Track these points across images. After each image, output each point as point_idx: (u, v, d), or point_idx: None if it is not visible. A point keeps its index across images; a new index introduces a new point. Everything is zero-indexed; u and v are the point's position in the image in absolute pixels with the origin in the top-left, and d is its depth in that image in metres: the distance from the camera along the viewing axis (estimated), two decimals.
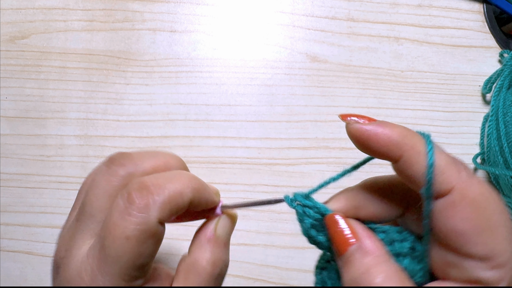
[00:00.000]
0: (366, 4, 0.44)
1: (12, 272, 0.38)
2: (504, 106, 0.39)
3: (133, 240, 0.18)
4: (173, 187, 0.19)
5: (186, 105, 0.41)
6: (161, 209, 0.18)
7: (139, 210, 0.18)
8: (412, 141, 0.18)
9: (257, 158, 0.41)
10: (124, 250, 0.18)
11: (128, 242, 0.18)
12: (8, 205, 0.39)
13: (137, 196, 0.18)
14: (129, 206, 0.18)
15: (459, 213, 0.17)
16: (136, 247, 0.18)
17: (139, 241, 0.18)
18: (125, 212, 0.18)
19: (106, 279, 0.18)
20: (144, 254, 0.18)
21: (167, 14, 0.43)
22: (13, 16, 0.42)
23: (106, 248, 0.18)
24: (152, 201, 0.18)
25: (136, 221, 0.18)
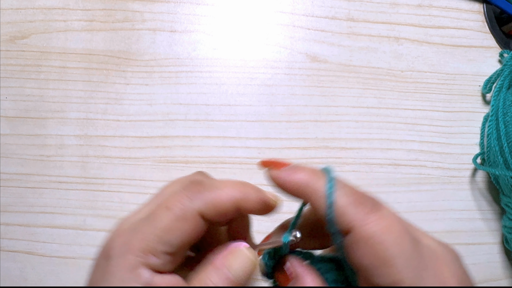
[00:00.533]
0: (366, 4, 0.44)
1: (12, 272, 0.38)
2: (504, 106, 0.39)
3: (171, 212, 0.20)
4: (226, 190, 0.21)
5: (186, 105, 0.41)
6: (205, 203, 0.20)
7: (187, 196, 0.20)
8: (316, 185, 0.20)
9: (257, 158, 0.41)
10: (161, 217, 0.20)
11: (168, 212, 0.20)
12: (8, 205, 0.39)
13: (191, 186, 0.21)
14: (183, 191, 0.21)
15: (358, 250, 0.19)
16: (171, 220, 0.20)
17: (176, 216, 0.20)
18: (177, 193, 0.21)
19: (138, 237, 0.20)
20: (174, 231, 0.20)
21: (167, 14, 0.43)
22: (13, 16, 0.42)
23: (151, 214, 0.20)
24: (200, 194, 0.21)
25: (181, 201, 0.20)
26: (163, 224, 0.20)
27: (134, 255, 0.20)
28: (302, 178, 0.20)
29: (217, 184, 0.22)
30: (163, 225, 0.20)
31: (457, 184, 0.43)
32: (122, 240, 0.20)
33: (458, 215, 0.42)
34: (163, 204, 0.21)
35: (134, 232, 0.20)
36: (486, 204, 0.43)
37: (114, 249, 0.20)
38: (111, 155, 0.40)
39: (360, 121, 0.42)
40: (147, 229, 0.20)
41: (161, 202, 0.21)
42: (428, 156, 0.43)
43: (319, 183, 0.20)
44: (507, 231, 0.40)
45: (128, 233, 0.21)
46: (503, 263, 0.42)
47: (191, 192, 0.21)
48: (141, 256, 0.20)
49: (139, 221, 0.21)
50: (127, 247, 0.20)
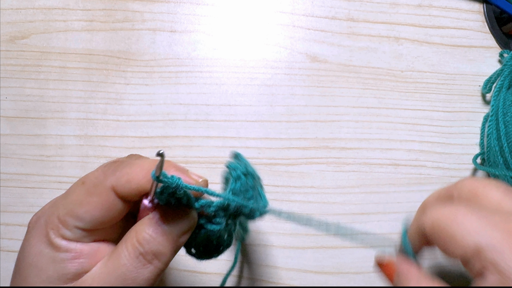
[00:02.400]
0: (366, 4, 0.44)
1: (12, 272, 0.38)
2: (504, 106, 0.39)
3: (84, 187, 0.21)
4: (140, 166, 0.21)
5: (186, 105, 0.41)
6: (117, 178, 0.21)
7: (103, 171, 0.21)
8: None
9: (257, 158, 0.41)
10: (75, 191, 0.21)
11: (81, 186, 0.21)
12: (8, 205, 0.39)
13: (110, 164, 0.22)
14: (100, 168, 0.21)
15: None
16: (83, 194, 0.21)
17: (88, 191, 0.21)
18: (95, 170, 0.21)
19: (53, 211, 0.21)
20: (85, 205, 0.20)
21: (167, 14, 0.43)
22: (13, 16, 0.42)
23: (68, 190, 0.21)
24: (115, 170, 0.21)
25: (96, 175, 0.21)
26: (75, 197, 0.21)
27: (47, 227, 0.21)
28: None
29: (134, 161, 0.22)
30: (75, 198, 0.21)
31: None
32: (39, 215, 0.22)
33: None
34: (80, 180, 0.22)
35: (51, 207, 0.21)
36: None
37: (32, 223, 0.22)
38: (111, 155, 0.40)
39: (360, 121, 0.42)
40: (61, 203, 0.21)
41: (79, 179, 0.22)
42: (428, 156, 0.43)
43: None
44: None
45: (46, 209, 0.22)
46: None
47: (107, 168, 0.21)
48: (54, 227, 0.20)
49: (58, 197, 0.22)
50: (42, 220, 0.21)
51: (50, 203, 0.22)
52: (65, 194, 0.22)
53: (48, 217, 0.21)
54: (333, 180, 0.41)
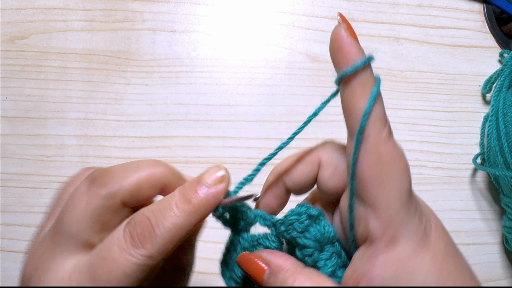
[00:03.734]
0: (366, 4, 0.44)
1: (12, 272, 0.38)
2: (504, 106, 0.39)
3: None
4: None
5: (186, 105, 0.41)
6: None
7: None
8: (367, 75, 0.19)
9: (257, 158, 0.41)
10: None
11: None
12: (8, 205, 0.39)
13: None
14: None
15: (365, 160, 0.19)
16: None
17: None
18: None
19: None
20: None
21: (167, 14, 0.43)
22: (13, 16, 0.42)
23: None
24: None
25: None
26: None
27: None
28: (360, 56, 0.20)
29: (126, 168, 0.21)
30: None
31: (457, 184, 0.43)
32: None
33: (458, 215, 0.42)
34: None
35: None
36: (486, 204, 0.43)
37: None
38: (111, 155, 0.40)
39: None
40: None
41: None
42: (428, 156, 0.43)
43: (370, 77, 0.20)
44: (507, 231, 0.39)
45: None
46: (503, 263, 0.42)
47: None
48: None
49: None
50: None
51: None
52: None
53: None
54: None
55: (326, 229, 0.21)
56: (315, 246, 0.21)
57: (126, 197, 0.20)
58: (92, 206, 0.19)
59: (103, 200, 0.19)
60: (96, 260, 0.19)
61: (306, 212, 0.21)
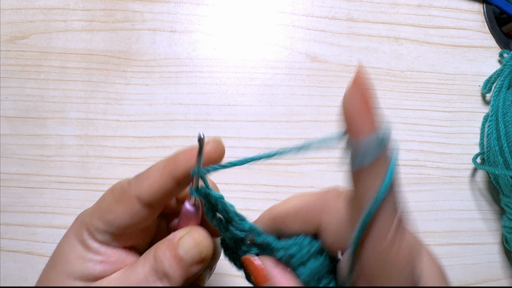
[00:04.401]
0: (366, 4, 0.44)
1: (12, 272, 0.38)
2: (504, 106, 0.39)
3: (113, 195, 0.22)
4: (155, 168, 0.22)
5: (186, 105, 0.41)
6: (139, 186, 0.22)
7: (128, 181, 0.22)
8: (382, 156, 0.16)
9: None
10: (105, 199, 0.22)
11: (111, 194, 0.22)
12: (8, 205, 0.39)
13: (135, 176, 0.22)
14: (127, 178, 0.22)
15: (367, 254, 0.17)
16: (111, 201, 0.22)
17: (115, 198, 0.22)
18: (122, 180, 0.22)
19: (88, 216, 0.22)
20: (113, 212, 0.22)
21: (167, 14, 0.43)
22: (13, 16, 0.42)
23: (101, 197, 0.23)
24: (136, 179, 0.22)
25: (122, 183, 0.22)
26: (105, 204, 0.22)
27: (83, 228, 0.22)
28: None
29: (151, 166, 0.23)
30: (105, 205, 0.22)
31: (457, 184, 0.43)
32: (80, 215, 0.23)
33: (458, 215, 0.42)
34: (111, 187, 0.23)
35: (89, 210, 0.23)
36: (486, 204, 0.43)
37: (74, 221, 0.23)
38: (111, 155, 0.40)
39: None
40: (95, 209, 0.23)
41: (111, 186, 0.23)
42: (428, 156, 0.43)
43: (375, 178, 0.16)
44: (507, 231, 0.40)
45: (87, 211, 0.23)
46: (503, 263, 0.42)
47: (132, 178, 0.23)
48: (88, 229, 0.22)
49: (96, 202, 0.23)
50: (80, 220, 0.23)
51: (91, 207, 0.24)
52: (99, 201, 0.23)
53: (85, 218, 0.23)
54: (333, 180, 0.41)
55: (326, 264, 0.20)
56: (310, 278, 0.20)
57: (147, 194, 0.22)
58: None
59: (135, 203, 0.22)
60: (126, 283, 0.21)
61: (309, 248, 0.20)
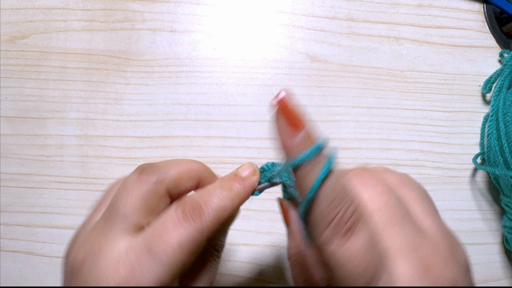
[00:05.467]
0: (366, 4, 0.44)
1: (12, 272, 0.38)
2: (504, 106, 0.39)
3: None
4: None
5: (186, 105, 0.41)
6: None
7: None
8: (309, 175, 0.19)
9: (257, 158, 0.41)
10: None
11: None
12: (8, 205, 0.39)
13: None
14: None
15: None
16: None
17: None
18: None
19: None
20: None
21: (167, 14, 0.43)
22: (13, 16, 0.42)
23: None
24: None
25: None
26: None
27: None
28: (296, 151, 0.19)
29: (169, 163, 0.24)
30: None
31: (457, 184, 0.43)
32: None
33: (458, 215, 0.42)
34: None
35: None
36: (486, 204, 0.43)
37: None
38: (111, 155, 0.40)
39: (360, 121, 0.42)
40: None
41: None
42: (428, 156, 0.43)
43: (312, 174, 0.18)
44: (507, 231, 0.39)
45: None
46: (503, 263, 0.42)
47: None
48: None
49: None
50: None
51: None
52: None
53: None
54: None
55: None
56: None
57: (170, 185, 0.23)
58: (143, 190, 0.22)
59: (152, 185, 0.22)
60: (151, 235, 0.20)
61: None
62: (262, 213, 0.40)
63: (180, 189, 0.23)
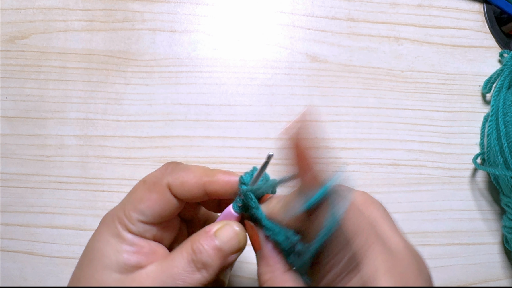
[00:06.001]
0: (366, 4, 0.44)
1: (12, 272, 0.38)
2: (504, 106, 0.39)
3: (145, 185, 0.23)
4: (193, 172, 0.24)
5: (186, 105, 0.41)
6: (174, 179, 0.23)
7: (161, 172, 0.24)
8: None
9: (257, 158, 0.41)
10: (137, 189, 0.24)
11: (143, 185, 0.24)
12: (8, 205, 0.39)
13: (167, 166, 0.24)
14: (159, 169, 0.24)
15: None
16: (144, 191, 0.23)
17: (148, 188, 0.23)
18: (155, 170, 0.24)
19: (120, 208, 0.23)
20: (146, 201, 0.23)
21: (167, 14, 0.43)
22: (13, 16, 0.42)
23: (132, 188, 0.24)
24: (172, 171, 0.24)
25: (155, 175, 0.24)
26: (138, 195, 0.23)
27: (116, 222, 0.23)
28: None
29: (189, 167, 0.24)
30: (138, 195, 0.23)
31: (457, 184, 0.43)
32: (110, 213, 0.24)
33: (458, 215, 0.42)
34: (141, 179, 0.24)
35: (119, 205, 0.24)
36: (486, 204, 0.43)
37: (103, 219, 0.24)
38: (111, 155, 0.40)
39: (360, 121, 0.42)
40: (127, 201, 0.24)
41: (141, 179, 0.24)
42: (428, 156, 0.43)
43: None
44: (507, 231, 0.40)
45: (116, 207, 0.24)
46: (503, 263, 0.42)
47: (164, 169, 0.24)
48: (122, 222, 0.23)
49: (124, 198, 0.24)
50: (111, 216, 0.24)
51: (119, 204, 0.25)
52: (129, 193, 0.24)
53: (117, 213, 0.24)
54: None
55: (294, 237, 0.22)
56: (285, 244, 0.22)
57: (179, 188, 0.23)
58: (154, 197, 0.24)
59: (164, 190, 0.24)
60: (165, 275, 0.22)
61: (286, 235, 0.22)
62: None
63: (186, 194, 0.24)
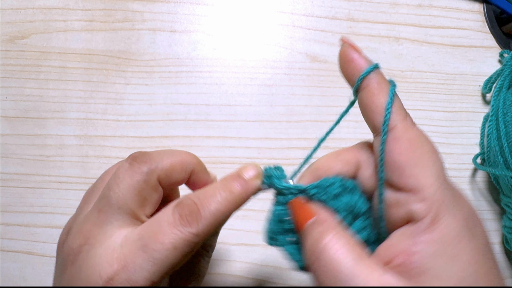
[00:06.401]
0: (366, 4, 0.44)
1: (12, 272, 0.38)
2: (504, 106, 0.39)
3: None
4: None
5: (186, 105, 0.41)
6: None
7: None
8: (381, 76, 0.22)
9: (257, 158, 0.41)
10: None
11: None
12: (8, 205, 0.39)
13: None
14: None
15: (397, 147, 0.20)
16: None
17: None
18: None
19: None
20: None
21: (167, 14, 0.43)
22: (13, 16, 0.42)
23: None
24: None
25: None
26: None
27: None
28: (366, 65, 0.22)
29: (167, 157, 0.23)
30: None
31: (457, 184, 0.43)
32: None
33: None
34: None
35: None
36: (486, 204, 0.43)
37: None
38: (111, 155, 0.40)
39: (360, 121, 0.42)
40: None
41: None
42: None
43: (382, 78, 0.22)
44: (507, 231, 0.39)
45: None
46: (503, 263, 0.42)
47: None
48: None
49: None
50: None
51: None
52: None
53: None
54: None
55: (360, 201, 0.22)
56: (345, 213, 0.22)
57: (162, 175, 0.22)
58: (135, 180, 0.22)
59: (144, 175, 0.22)
60: (147, 233, 0.21)
61: (341, 182, 0.22)
62: (262, 213, 0.40)
63: (172, 180, 0.23)
